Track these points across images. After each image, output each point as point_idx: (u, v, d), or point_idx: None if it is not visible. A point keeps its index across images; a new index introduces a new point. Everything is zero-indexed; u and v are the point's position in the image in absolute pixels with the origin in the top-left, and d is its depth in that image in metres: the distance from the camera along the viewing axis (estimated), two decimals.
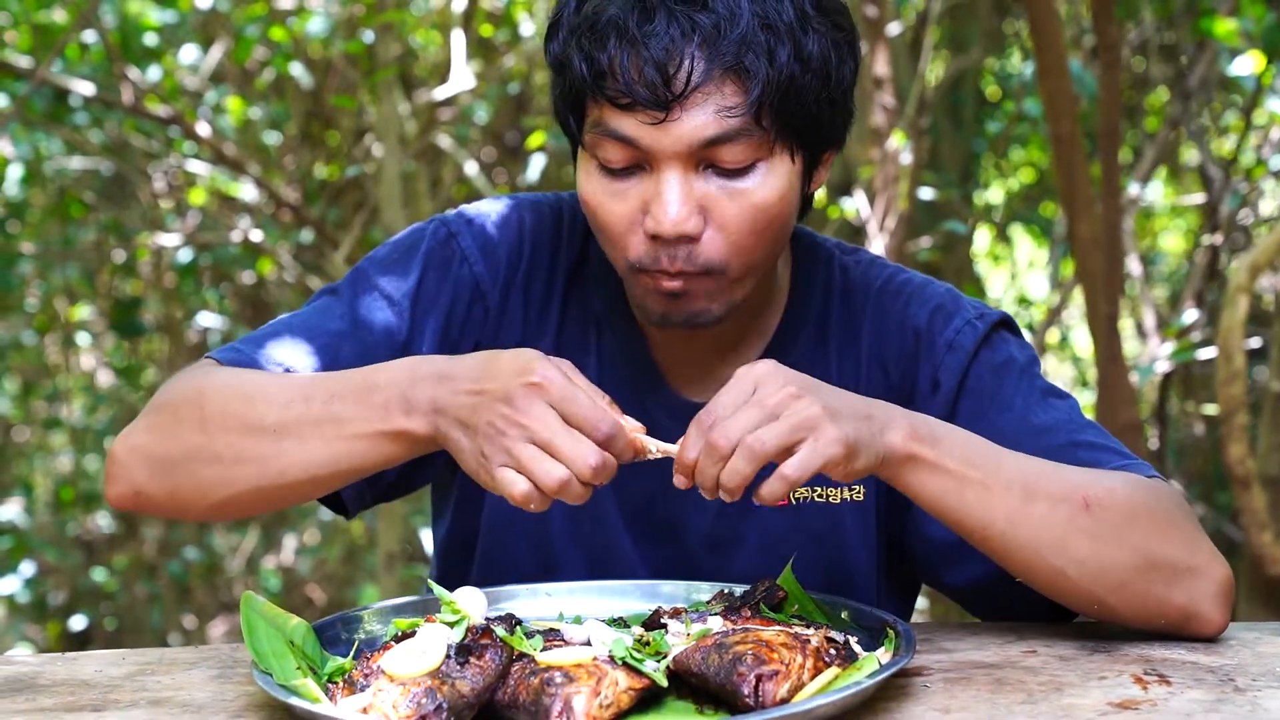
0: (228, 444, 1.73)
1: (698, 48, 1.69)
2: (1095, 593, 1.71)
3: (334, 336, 1.89)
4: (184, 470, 1.75)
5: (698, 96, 1.70)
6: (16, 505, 7.54)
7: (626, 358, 1.97)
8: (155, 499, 1.79)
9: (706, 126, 1.71)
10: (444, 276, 1.95)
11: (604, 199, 1.79)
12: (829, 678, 1.49)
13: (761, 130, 1.73)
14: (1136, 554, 1.71)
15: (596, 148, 1.77)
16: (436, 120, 5.79)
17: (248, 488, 1.73)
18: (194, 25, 6.31)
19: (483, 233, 1.98)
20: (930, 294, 1.99)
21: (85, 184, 6.69)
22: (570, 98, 1.78)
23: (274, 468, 1.71)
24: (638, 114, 1.72)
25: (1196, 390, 6.33)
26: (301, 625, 1.63)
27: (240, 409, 1.73)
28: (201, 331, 7.30)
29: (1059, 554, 1.69)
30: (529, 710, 1.44)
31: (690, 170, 1.74)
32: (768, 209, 1.77)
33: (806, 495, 1.95)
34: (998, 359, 1.94)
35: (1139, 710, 1.48)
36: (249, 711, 1.56)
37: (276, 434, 1.70)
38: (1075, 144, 3.50)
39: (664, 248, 1.76)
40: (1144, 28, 6.01)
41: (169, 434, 1.77)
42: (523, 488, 1.55)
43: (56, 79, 5.21)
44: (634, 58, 1.70)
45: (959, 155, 6.94)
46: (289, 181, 6.29)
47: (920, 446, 1.65)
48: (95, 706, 1.58)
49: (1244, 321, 4.17)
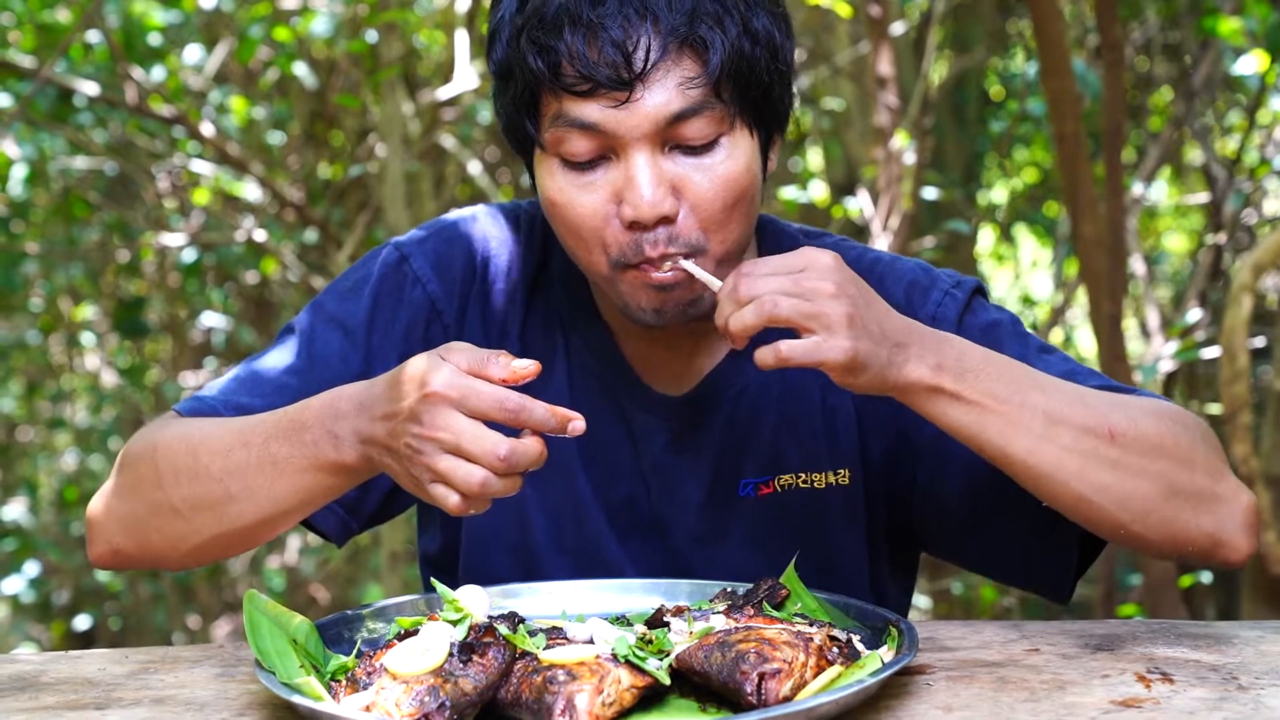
0: (182, 497, 1.78)
1: (651, 24, 1.71)
2: (1121, 519, 1.74)
3: (292, 375, 1.92)
4: (151, 526, 1.82)
5: (658, 73, 1.72)
6: (21, 505, 7.54)
7: (597, 357, 1.98)
8: (132, 555, 1.86)
9: (670, 102, 1.73)
10: (397, 302, 1.98)
11: (572, 195, 1.79)
12: (832, 676, 1.50)
13: (722, 104, 1.75)
14: (1161, 482, 1.74)
15: (559, 144, 1.78)
16: (440, 120, 5.79)
17: (210, 535, 1.79)
18: (198, 25, 6.31)
19: (435, 251, 2.00)
20: (902, 269, 2.01)
21: (89, 184, 6.68)
22: (524, 99, 1.79)
23: (228, 514, 1.77)
24: (600, 98, 1.73)
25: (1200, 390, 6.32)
26: (304, 624, 1.63)
27: (188, 462, 1.78)
28: (205, 331, 7.30)
29: (1081, 481, 1.72)
30: (532, 708, 1.44)
31: (657, 151, 1.76)
32: (736, 181, 1.78)
33: (791, 482, 1.96)
34: (983, 323, 1.96)
35: (1142, 708, 1.48)
36: (252, 710, 1.56)
37: (222, 482, 1.75)
38: (1079, 143, 3.49)
39: (643, 234, 1.76)
40: (1148, 27, 6.01)
41: (132, 493, 1.83)
42: (454, 500, 1.57)
43: (61, 79, 5.21)
44: (591, 41, 1.71)
45: (962, 155, 6.94)
46: (293, 181, 6.29)
47: (942, 379, 1.67)
48: (98, 705, 1.58)
49: (1248, 321, 4.16)
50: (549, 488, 1.96)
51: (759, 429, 1.97)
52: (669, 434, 1.97)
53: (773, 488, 1.96)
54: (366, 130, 6.27)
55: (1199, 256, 5.96)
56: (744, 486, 1.97)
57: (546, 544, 1.98)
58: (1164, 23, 6.01)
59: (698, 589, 1.84)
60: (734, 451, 1.97)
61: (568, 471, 1.96)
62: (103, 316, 7.57)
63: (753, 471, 1.97)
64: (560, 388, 1.97)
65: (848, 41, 6.19)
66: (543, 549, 1.97)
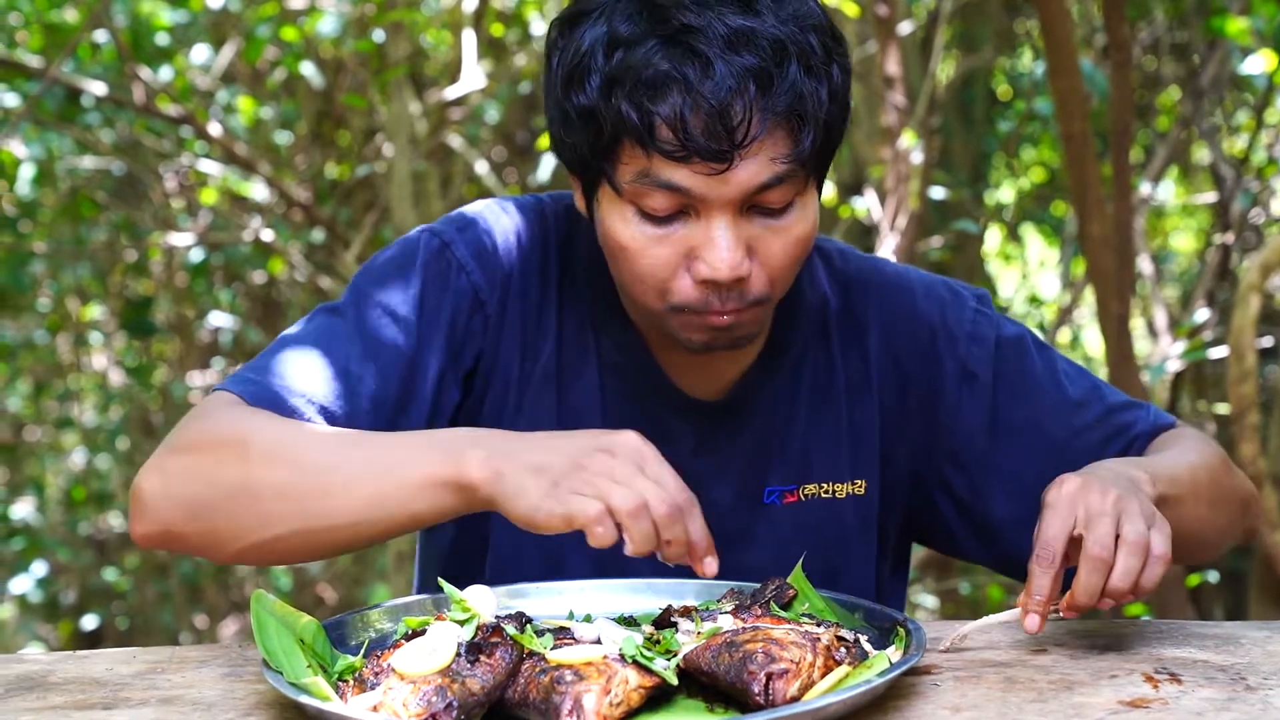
0: (271, 483, 1.69)
1: (754, 98, 1.69)
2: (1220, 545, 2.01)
3: (348, 359, 1.86)
4: (222, 510, 1.71)
5: (754, 146, 1.70)
6: (28, 504, 7.55)
7: (627, 358, 1.97)
8: (187, 538, 1.74)
9: (760, 174, 1.72)
10: (443, 288, 1.92)
11: (645, 245, 1.77)
12: (839, 676, 1.49)
13: (803, 170, 1.75)
14: (1237, 502, 1.98)
15: (640, 196, 1.75)
16: (447, 120, 5.79)
17: (287, 530, 1.69)
18: (205, 25, 6.32)
19: (476, 240, 1.95)
20: (930, 288, 2.06)
21: (97, 183, 6.70)
22: (603, 146, 1.76)
23: (318, 509, 1.68)
24: (694, 165, 1.71)
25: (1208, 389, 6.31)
26: (312, 623, 1.62)
27: (289, 449, 1.70)
28: (213, 331, 7.31)
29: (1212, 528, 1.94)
30: (539, 708, 1.44)
31: (738, 214, 1.75)
32: (805, 239, 1.80)
33: (815, 492, 1.98)
34: (1012, 339, 2.04)
35: (1150, 709, 1.48)
36: (259, 710, 1.56)
37: (324, 474, 1.67)
38: (1086, 143, 3.49)
39: (714, 290, 1.77)
40: (1155, 27, 6.00)
41: (206, 474, 1.72)
42: (596, 508, 1.54)
43: (68, 79, 5.22)
44: (696, 111, 1.68)
45: (970, 155, 6.93)
46: (300, 181, 6.30)
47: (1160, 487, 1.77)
48: (106, 704, 1.58)
49: (1255, 320, 4.16)
50: None
51: (788, 437, 1.99)
52: (697, 438, 1.97)
53: (797, 496, 1.98)
54: (374, 130, 6.28)
55: (1207, 256, 5.96)
56: (769, 494, 1.98)
57: (572, 541, 1.97)
58: (1171, 22, 6.00)
59: (705, 589, 1.83)
60: (762, 458, 1.98)
61: None
62: (110, 316, 7.58)
63: (779, 479, 1.98)
64: (591, 387, 1.96)
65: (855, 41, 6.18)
66: (569, 546, 1.97)
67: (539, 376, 1.95)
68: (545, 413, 1.94)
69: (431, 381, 1.89)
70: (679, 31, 1.69)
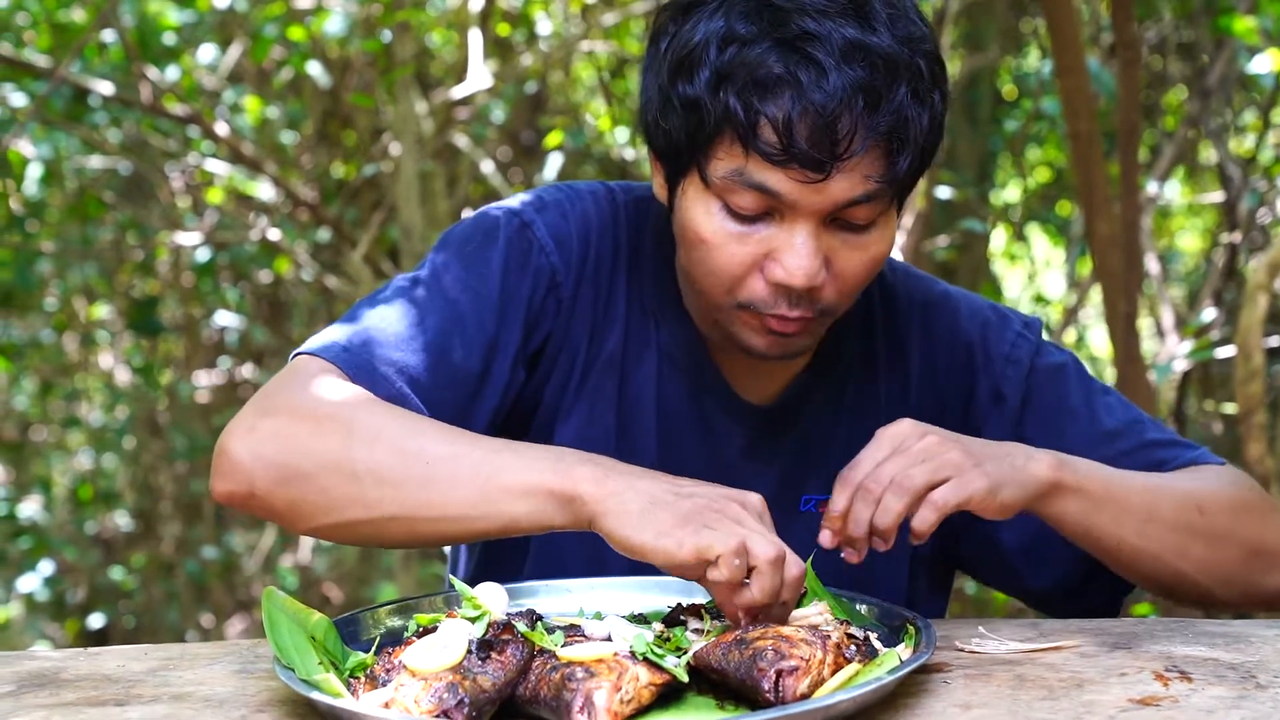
0: (373, 464, 1.66)
1: (861, 113, 1.68)
2: (1207, 587, 1.87)
3: (438, 333, 1.84)
4: (315, 483, 1.68)
5: (852, 161, 1.70)
6: (35, 503, 7.56)
7: (686, 354, 1.97)
8: (272, 505, 1.71)
9: (853, 189, 1.72)
10: (524, 266, 1.91)
11: (726, 241, 1.77)
12: (849, 673, 1.50)
13: (891, 190, 1.76)
14: (1243, 549, 1.87)
15: (729, 192, 1.75)
16: (453, 119, 5.79)
17: (380, 514, 1.67)
18: (212, 25, 6.32)
19: (554, 224, 1.95)
20: (973, 307, 2.06)
21: (104, 183, 6.70)
22: (703, 138, 1.75)
23: (416, 498, 1.65)
24: (791, 170, 1.70)
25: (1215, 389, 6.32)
26: (323, 620, 1.63)
27: (395, 433, 1.68)
28: (219, 330, 7.32)
29: (1181, 558, 1.84)
30: (550, 705, 1.44)
31: (821, 224, 1.75)
32: (881, 258, 1.81)
33: None
34: (1052, 366, 2.02)
35: (1160, 707, 1.48)
36: (271, 706, 1.56)
37: (429, 464, 1.65)
38: (1093, 142, 3.49)
39: (785, 295, 1.77)
40: (1162, 26, 5.99)
41: (303, 443, 1.69)
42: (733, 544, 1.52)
43: (75, 78, 5.23)
44: (803, 117, 1.68)
45: (976, 154, 6.93)
46: (306, 180, 6.30)
47: (1062, 473, 1.74)
48: (118, 701, 1.58)
49: (1263, 320, 4.15)
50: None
51: (828, 447, 1.99)
52: (745, 440, 1.98)
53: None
54: (380, 130, 6.28)
55: (1213, 256, 5.96)
56: (805, 502, 1.99)
57: None
58: (1179, 21, 5.99)
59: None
60: (802, 466, 1.99)
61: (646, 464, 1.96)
62: (117, 315, 7.59)
63: (817, 488, 1.99)
64: (649, 377, 1.97)
65: None
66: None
67: (603, 362, 1.96)
68: (606, 398, 1.95)
69: (509, 359, 1.89)
70: (798, 37, 1.69)
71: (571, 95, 7.09)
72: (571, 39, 6.06)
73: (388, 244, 6.06)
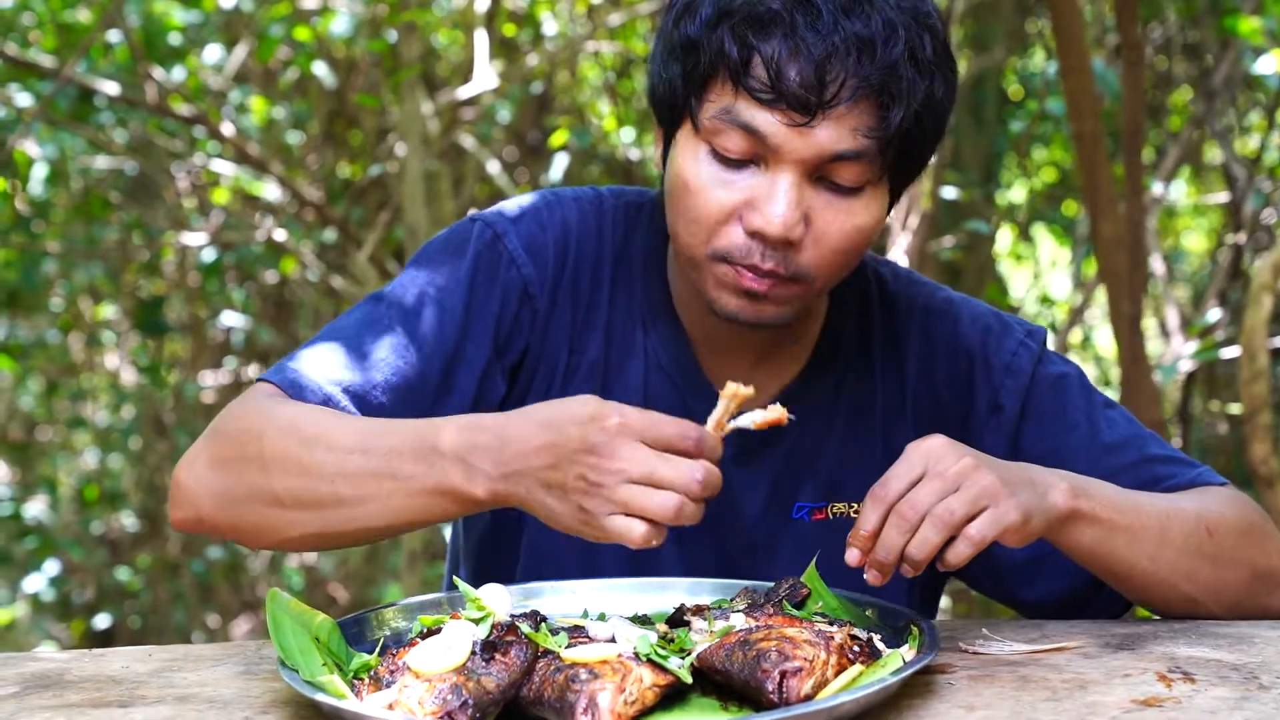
0: (287, 489, 1.70)
1: (855, 61, 1.69)
2: (1212, 609, 1.85)
3: (389, 350, 1.86)
4: (246, 508, 1.74)
5: (841, 110, 1.70)
6: (41, 504, 7.57)
7: (673, 360, 1.97)
8: (220, 528, 1.78)
9: (840, 141, 1.72)
10: (492, 280, 1.92)
11: (709, 185, 1.77)
12: (853, 675, 1.50)
13: (881, 157, 1.74)
14: (1248, 570, 1.86)
15: (716, 134, 1.75)
16: (459, 119, 5.80)
17: (310, 533, 1.71)
18: (218, 25, 6.33)
19: (528, 234, 1.95)
20: (976, 313, 2.03)
21: (110, 183, 6.71)
22: (697, 78, 1.76)
23: (334, 517, 1.69)
24: (777, 112, 1.71)
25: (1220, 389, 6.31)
26: (327, 622, 1.63)
27: (300, 454, 1.70)
28: (225, 331, 7.33)
29: (1191, 582, 1.83)
30: (554, 706, 1.45)
31: (805, 178, 1.74)
32: (864, 230, 1.78)
33: (844, 511, 1.96)
34: (1053, 375, 1.99)
35: (1163, 708, 1.48)
36: (275, 707, 1.56)
37: (334, 484, 1.68)
38: (1098, 143, 3.49)
39: (761, 246, 1.76)
40: (1167, 26, 5.99)
41: (232, 470, 1.75)
42: (640, 530, 1.52)
43: (81, 78, 5.23)
44: (794, 56, 1.69)
45: (981, 154, 6.93)
46: (312, 181, 6.30)
47: (1079, 502, 1.72)
48: (122, 702, 1.59)
49: (1267, 320, 4.15)
50: None
51: (821, 455, 1.98)
52: (734, 446, 1.94)
53: (826, 514, 1.97)
54: (386, 130, 6.29)
55: (1218, 256, 5.96)
56: (798, 509, 1.98)
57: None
58: (1184, 22, 5.99)
59: (719, 588, 1.84)
60: (794, 474, 1.98)
61: None
62: (122, 316, 7.60)
63: (809, 496, 1.98)
64: (636, 384, 1.96)
65: None
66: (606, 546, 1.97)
67: (585, 370, 1.95)
68: None
69: (475, 373, 1.89)
70: None
71: (577, 95, 7.09)
72: (577, 39, 6.07)
73: (393, 244, 6.06)
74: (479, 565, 2.06)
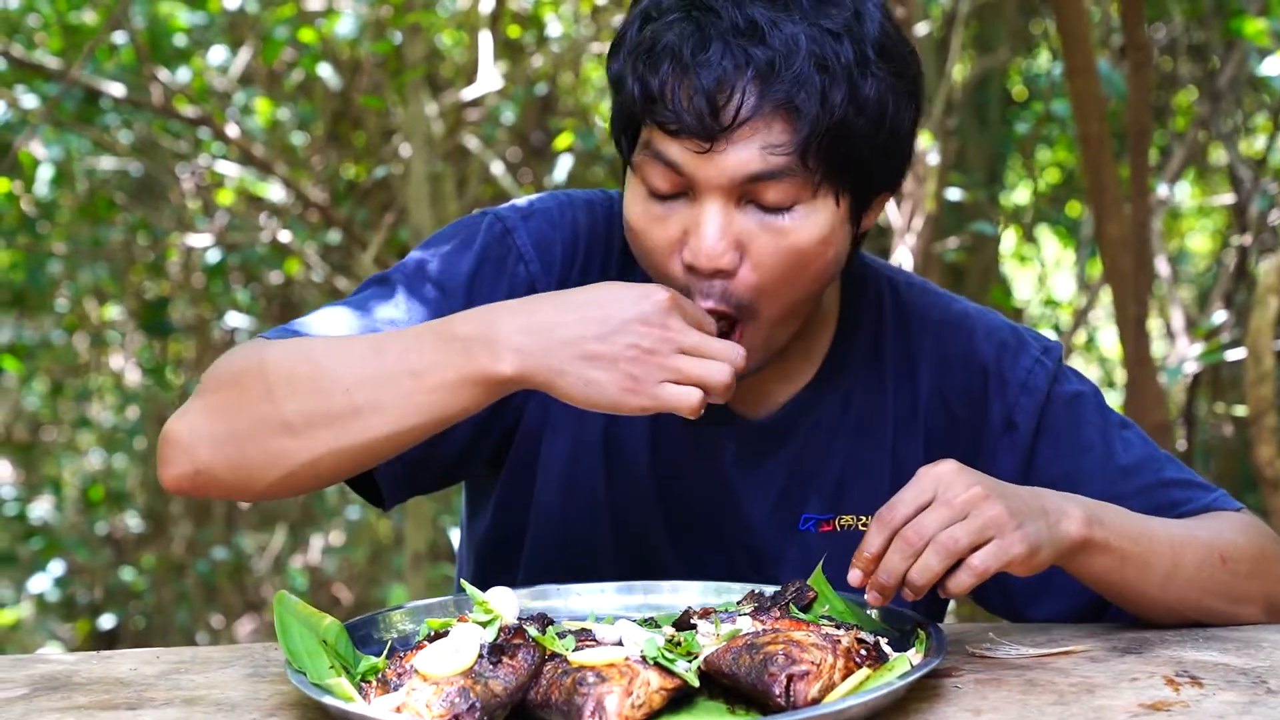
0: (296, 409, 1.67)
1: (750, 82, 1.67)
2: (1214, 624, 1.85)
3: (387, 324, 1.84)
4: (252, 443, 1.69)
5: (745, 131, 1.68)
6: (46, 504, 7.58)
7: None
8: (218, 476, 1.72)
9: (750, 162, 1.69)
10: (499, 273, 1.91)
11: (647, 223, 1.77)
12: (860, 678, 1.50)
13: (806, 171, 1.70)
14: (1262, 600, 1.85)
15: (644, 169, 1.75)
16: (464, 121, 5.80)
17: (323, 453, 1.68)
18: (223, 26, 6.33)
19: (538, 231, 1.94)
20: (991, 326, 1.99)
21: (115, 184, 6.71)
22: (624, 117, 1.77)
23: (350, 430, 1.66)
24: (684, 141, 1.70)
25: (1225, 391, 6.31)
26: (334, 624, 1.63)
27: (308, 372, 1.68)
28: (229, 331, 7.33)
29: (1199, 610, 1.82)
30: (561, 710, 1.45)
31: (731, 203, 1.72)
32: (805, 251, 1.74)
33: (851, 523, 1.94)
34: (1069, 395, 1.96)
35: (1171, 712, 1.48)
36: (283, 710, 1.56)
37: (349, 393, 1.65)
38: (1103, 144, 3.49)
39: (698, 280, 1.74)
40: (1173, 27, 5.99)
41: (232, 409, 1.70)
42: (696, 396, 1.60)
43: (87, 80, 5.24)
44: (685, 85, 1.68)
45: (986, 156, 6.93)
46: (317, 182, 6.31)
47: (1093, 530, 1.70)
48: (130, 705, 1.59)
49: (1273, 322, 4.15)
50: (619, 485, 1.96)
51: (828, 466, 1.96)
52: (739, 455, 1.95)
53: (833, 526, 1.95)
54: (390, 131, 6.29)
55: (1224, 258, 5.95)
56: (805, 520, 1.95)
57: (606, 546, 1.97)
58: (1189, 23, 5.99)
59: (724, 591, 1.84)
60: (800, 484, 1.96)
61: (638, 473, 1.95)
62: (127, 316, 7.60)
63: (816, 507, 1.96)
64: None
65: None
66: (603, 549, 1.97)
67: None
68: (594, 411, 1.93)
69: None
70: (700, 10, 1.70)
71: (581, 97, 7.08)
72: (582, 40, 6.07)
73: (398, 245, 6.06)
74: (484, 566, 2.06)
